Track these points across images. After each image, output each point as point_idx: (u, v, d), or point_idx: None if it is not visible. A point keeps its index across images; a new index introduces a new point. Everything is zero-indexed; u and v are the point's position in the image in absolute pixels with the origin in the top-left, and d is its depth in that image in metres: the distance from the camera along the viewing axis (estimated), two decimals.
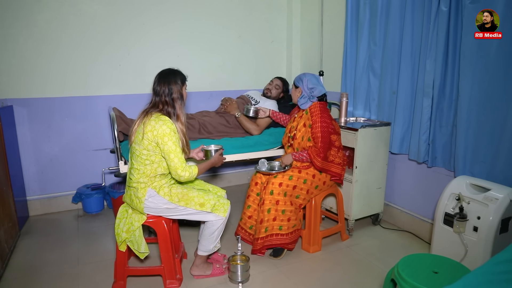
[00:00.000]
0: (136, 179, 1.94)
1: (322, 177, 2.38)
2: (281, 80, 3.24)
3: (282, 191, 2.28)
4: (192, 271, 2.15)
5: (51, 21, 2.89)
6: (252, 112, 2.74)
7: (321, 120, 2.33)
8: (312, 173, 2.35)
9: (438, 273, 1.45)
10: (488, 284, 0.92)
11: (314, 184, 2.36)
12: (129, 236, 1.95)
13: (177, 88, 1.95)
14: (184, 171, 1.90)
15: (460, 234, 1.96)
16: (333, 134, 2.36)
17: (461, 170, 2.21)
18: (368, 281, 2.12)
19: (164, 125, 1.86)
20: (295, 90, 2.47)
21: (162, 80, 1.95)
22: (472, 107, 2.12)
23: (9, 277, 2.19)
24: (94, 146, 3.21)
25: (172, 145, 1.86)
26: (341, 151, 2.40)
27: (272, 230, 2.30)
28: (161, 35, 3.27)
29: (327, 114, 2.37)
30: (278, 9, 3.76)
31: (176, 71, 2.02)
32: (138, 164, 1.93)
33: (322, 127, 2.31)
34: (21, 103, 2.92)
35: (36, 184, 3.08)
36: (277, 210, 2.29)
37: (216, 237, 2.06)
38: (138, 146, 1.91)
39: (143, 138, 1.87)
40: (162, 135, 1.84)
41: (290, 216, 2.32)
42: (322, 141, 2.30)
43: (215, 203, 2.00)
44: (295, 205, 2.34)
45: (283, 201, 2.29)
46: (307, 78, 2.40)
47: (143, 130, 1.88)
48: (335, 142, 2.37)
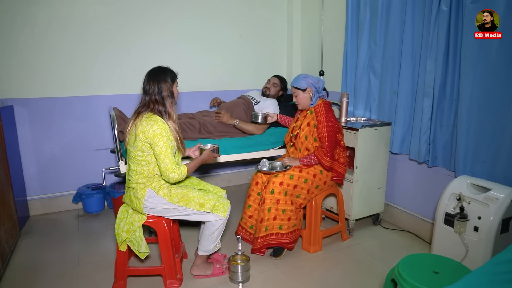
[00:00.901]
0: (135, 180, 1.94)
1: (323, 177, 2.38)
2: (279, 78, 3.24)
3: (282, 190, 2.28)
4: (192, 271, 2.15)
5: (51, 21, 2.89)
6: (261, 118, 2.76)
7: (327, 119, 2.33)
8: (313, 172, 2.35)
9: (439, 273, 1.45)
10: (489, 284, 0.92)
11: (315, 184, 2.36)
12: (129, 236, 1.95)
13: (167, 86, 1.93)
14: (174, 172, 1.87)
15: (460, 234, 1.96)
16: (339, 133, 2.37)
17: (462, 170, 2.21)
18: (369, 281, 2.12)
19: (155, 125, 1.84)
20: (303, 93, 2.40)
21: (152, 79, 1.93)
22: (473, 107, 2.12)
23: (9, 277, 2.19)
24: (95, 146, 3.21)
25: (162, 146, 1.84)
26: (345, 151, 2.41)
27: (272, 229, 2.30)
28: (161, 35, 3.27)
29: (332, 114, 2.38)
30: (278, 9, 3.76)
31: (166, 68, 1.99)
32: (135, 165, 1.93)
33: (328, 126, 2.31)
34: (21, 103, 2.92)
35: (37, 184, 3.08)
36: (278, 209, 2.29)
37: (216, 237, 2.06)
38: (132, 148, 1.91)
39: (136, 140, 1.87)
40: (153, 135, 1.83)
41: (290, 216, 2.32)
42: (329, 140, 2.30)
43: (215, 203, 2.00)
44: (296, 204, 2.34)
45: (283, 200, 2.29)
46: (307, 76, 2.41)
47: (135, 132, 1.87)
48: (341, 141, 2.38)
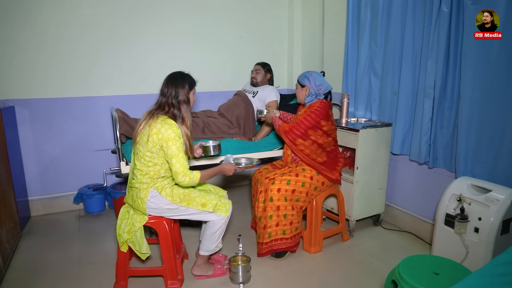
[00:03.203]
0: (139, 180, 1.94)
1: (320, 178, 2.38)
2: (259, 64, 3.23)
3: (281, 196, 2.28)
4: (193, 271, 2.16)
5: (52, 22, 2.89)
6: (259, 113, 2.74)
7: (311, 112, 2.32)
8: (309, 175, 2.35)
9: (439, 275, 1.45)
10: (489, 286, 0.93)
11: (312, 186, 2.36)
12: (130, 236, 1.95)
13: (184, 91, 1.95)
14: (185, 176, 1.88)
15: (461, 235, 1.96)
16: (311, 129, 2.30)
17: (462, 171, 2.21)
18: (369, 282, 2.13)
19: (169, 129, 1.86)
20: (302, 89, 2.43)
21: (170, 82, 1.96)
22: (473, 108, 2.12)
23: (11, 278, 2.19)
24: (96, 147, 3.22)
25: (175, 150, 1.86)
26: (325, 152, 2.38)
27: (276, 235, 2.31)
28: (162, 36, 3.27)
29: (321, 112, 2.31)
30: (279, 9, 3.76)
31: (186, 75, 2.02)
32: (141, 165, 1.94)
33: (308, 115, 2.31)
34: (22, 103, 2.93)
35: (38, 185, 3.09)
36: (279, 216, 2.29)
37: (218, 237, 2.06)
38: (142, 147, 1.91)
39: (148, 140, 1.87)
40: (167, 139, 1.85)
41: (292, 220, 2.32)
42: (295, 123, 2.33)
43: (216, 203, 2.00)
44: (296, 208, 2.34)
45: (283, 206, 2.29)
46: (313, 76, 2.39)
47: (148, 132, 1.88)
48: (311, 136, 2.31)
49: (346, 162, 2.86)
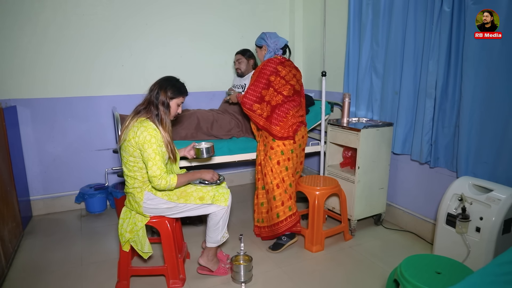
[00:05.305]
0: (131, 185, 1.95)
1: (287, 144, 2.42)
2: (239, 52, 3.19)
3: (276, 173, 2.40)
4: (200, 260, 2.15)
5: (53, 21, 2.90)
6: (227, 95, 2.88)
7: (260, 72, 2.42)
8: (275, 146, 2.42)
9: (441, 274, 1.46)
10: (491, 285, 0.93)
11: (287, 154, 2.43)
12: (132, 236, 1.96)
13: (165, 96, 1.93)
14: (161, 179, 1.85)
15: (462, 235, 1.97)
16: (264, 89, 2.39)
17: (464, 170, 2.21)
18: (371, 282, 2.13)
19: (145, 131, 1.84)
20: (260, 50, 2.54)
21: (159, 82, 1.96)
22: (475, 107, 2.12)
23: (13, 277, 2.20)
24: (97, 146, 3.22)
25: (151, 153, 1.83)
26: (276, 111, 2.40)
27: (284, 214, 2.42)
28: (163, 36, 3.28)
29: (268, 69, 2.41)
30: (280, 9, 3.76)
31: (177, 82, 1.99)
32: (128, 170, 1.94)
33: (257, 79, 2.41)
34: (24, 103, 2.93)
35: (40, 184, 3.09)
36: (281, 194, 2.41)
37: (222, 227, 2.06)
38: (124, 153, 1.91)
39: (127, 145, 1.87)
40: (143, 142, 1.83)
41: (283, 200, 2.41)
42: (249, 88, 2.42)
43: (214, 194, 2.00)
44: (290, 179, 2.44)
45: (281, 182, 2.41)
46: (267, 34, 2.49)
47: (127, 137, 1.87)
48: (265, 97, 2.39)
49: (348, 161, 2.87)
